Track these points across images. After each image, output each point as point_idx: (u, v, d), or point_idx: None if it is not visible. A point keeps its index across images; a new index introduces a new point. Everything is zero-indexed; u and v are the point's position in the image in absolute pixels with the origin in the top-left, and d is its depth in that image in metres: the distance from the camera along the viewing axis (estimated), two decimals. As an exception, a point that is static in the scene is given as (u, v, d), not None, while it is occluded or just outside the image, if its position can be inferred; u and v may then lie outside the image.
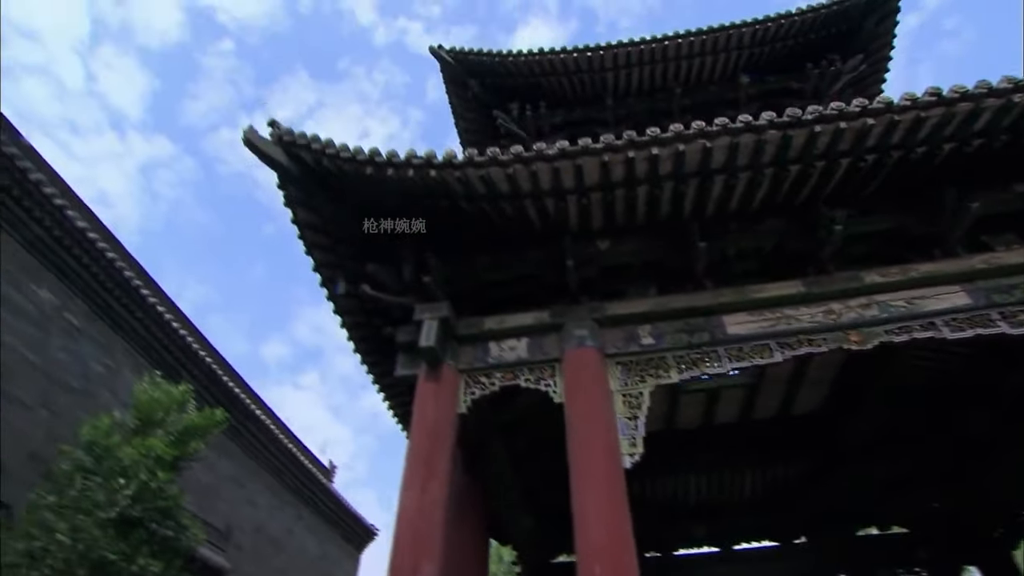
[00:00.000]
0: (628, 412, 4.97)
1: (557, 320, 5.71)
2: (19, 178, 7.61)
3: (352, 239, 6.30)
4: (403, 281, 6.13)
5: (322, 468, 18.20)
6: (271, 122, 6.16)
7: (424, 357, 5.60)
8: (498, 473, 7.69)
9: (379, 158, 5.54)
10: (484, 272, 6.25)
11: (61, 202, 8.37)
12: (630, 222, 5.84)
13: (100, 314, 9.44)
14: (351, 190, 5.92)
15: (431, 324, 5.59)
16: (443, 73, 11.21)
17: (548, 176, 5.34)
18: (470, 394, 5.55)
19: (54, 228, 8.36)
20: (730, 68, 10.92)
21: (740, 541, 11.23)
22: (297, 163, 5.94)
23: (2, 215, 7.86)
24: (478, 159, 5.32)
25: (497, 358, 5.70)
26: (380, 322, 6.59)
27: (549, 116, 11.18)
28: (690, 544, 11.38)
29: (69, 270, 8.81)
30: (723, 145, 5.17)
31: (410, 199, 5.73)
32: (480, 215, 5.78)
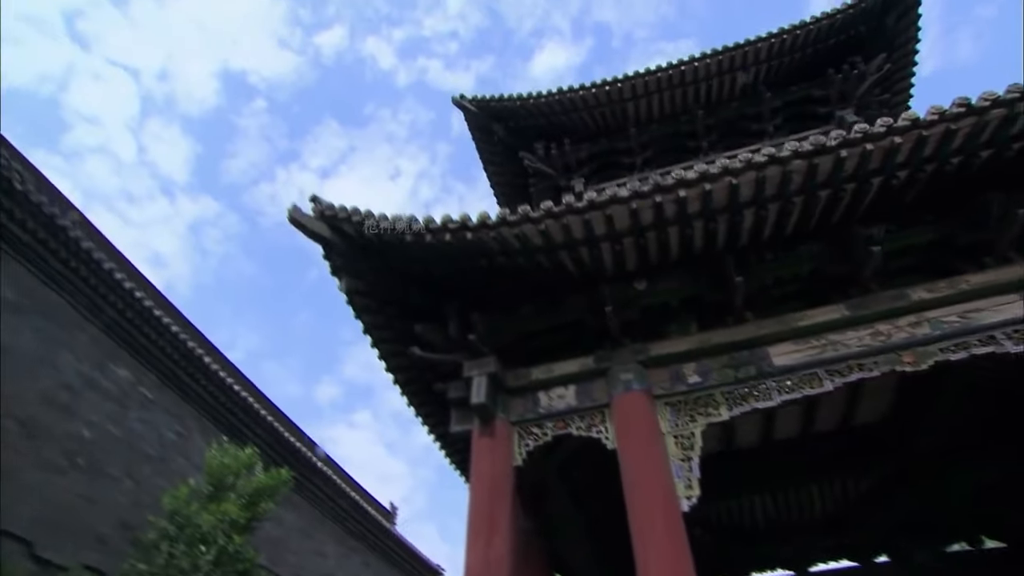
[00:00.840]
0: (681, 454, 5.00)
1: (602, 365, 5.81)
2: (95, 269, 8.30)
3: (398, 301, 6.60)
4: (450, 338, 6.36)
5: (384, 511, 18.51)
6: (313, 197, 6.57)
7: (476, 413, 5.79)
8: (559, 511, 7.73)
9: (417, 225, 5.83)
10: (527, 322, 6.42)
11: (130, 285, 9.05)
12: (664, 261, 5.92)
13: (170, 385, 10.06)
14: (393, 256, 6.22)
15: (480, 380, 5.78)
16: (468, 122, 11.62)
17: (580, 228, 5.50)
18: (524, 446, 5.68)
19: (126, 310, 9.03)
20: (750, 84, 10.93)
21: (816, 562, 10.85)
22: (340, 235, 6.30)
23: (84, 304, 8.55)
24: (511, 218, 5.53)
25: (547, 408, 5.83)
26: (431, 377, 6.82)
27: (574, 151, 11.39)
28: (763, 567, 11.06)
29: (140, 347, 9.47)
30: (749, 180, 5.23)
31: (450, 260, 5.98)
32: (518, 269, 5.97)
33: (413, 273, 6.31)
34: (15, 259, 7.87)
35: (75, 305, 8.53)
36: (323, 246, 6.45)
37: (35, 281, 8.08)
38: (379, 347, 7.05)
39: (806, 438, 9.18)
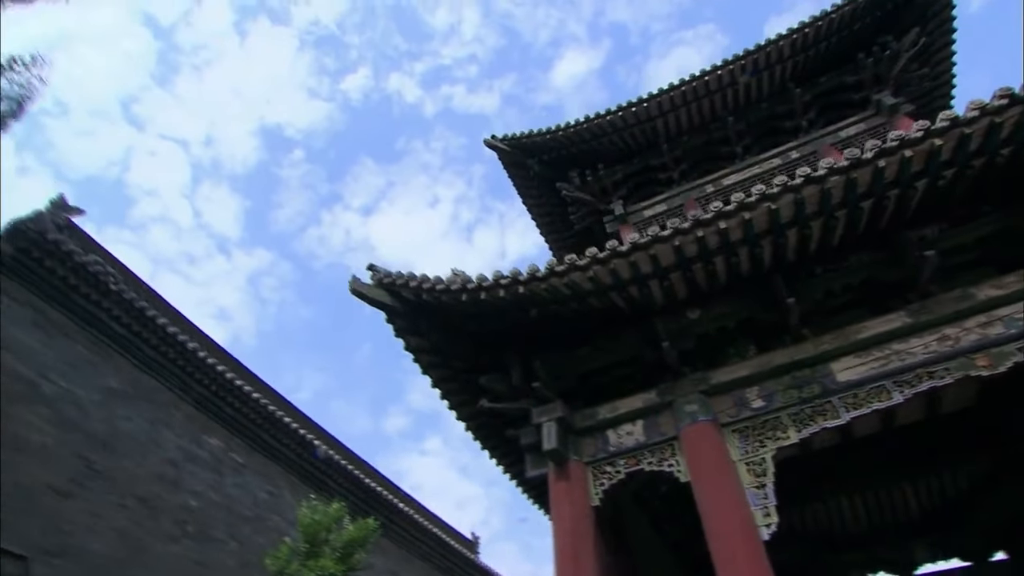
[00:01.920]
0: (755, 481, 5.05)
1: (666, 398, 5.92)
2: (183, 351, 9.07)
3: (461, 355, 6.93)
4: (514, 387, 6.62)
5: (467, 541, 18.84)
6: (370, 266, 7.03)
7: (549, 458, 6.00)
8: (640, 538, 7.80)
9: (471, 284, 6.15)
10: (585, 362, 6.60)
11: (212, 360, 9.80)
12: (714, 288, 6.00)
13: (257, 448, 10.77)
14: (451, 314, 6.56)
15: (549, 427, 6.00)
16: (502, 160, 11.96)
17: (627, 270, 5.67)
18: (599, 485, 5.85)
19: (211, 384, 9.78)
20: (777, 82, 10.80)
21: (921, 564, 10.34)
22: (400, 300, 6.71)
23: (176, 384, 9.35)
24: (559, 269, 5.77)
25: (617, 445, 5.98)
26: (502, 424, 7.07)
27: (610, 174, 11.53)
28: (863, 572, 10.65)
29: (228, 417, 10.21)
30: (788, 203, 5.28)
31: (505, 313, 6.26)
32: (571, 313, 6.19)
33: (472, 328, 6.63)
34: (117, 352, 8.73)
35: (169, 387, 9.35)
36: (385, 312, 6.89)
37: (135, 369, 8.94)
38: (448, 399, 7.40)
39: (889, 433, 8.86)
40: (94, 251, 9.57)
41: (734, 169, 10.80)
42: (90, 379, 8.29)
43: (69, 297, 8.31)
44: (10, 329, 7.55)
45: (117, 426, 8.44)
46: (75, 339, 8.33)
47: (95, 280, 8.41)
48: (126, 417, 8.56)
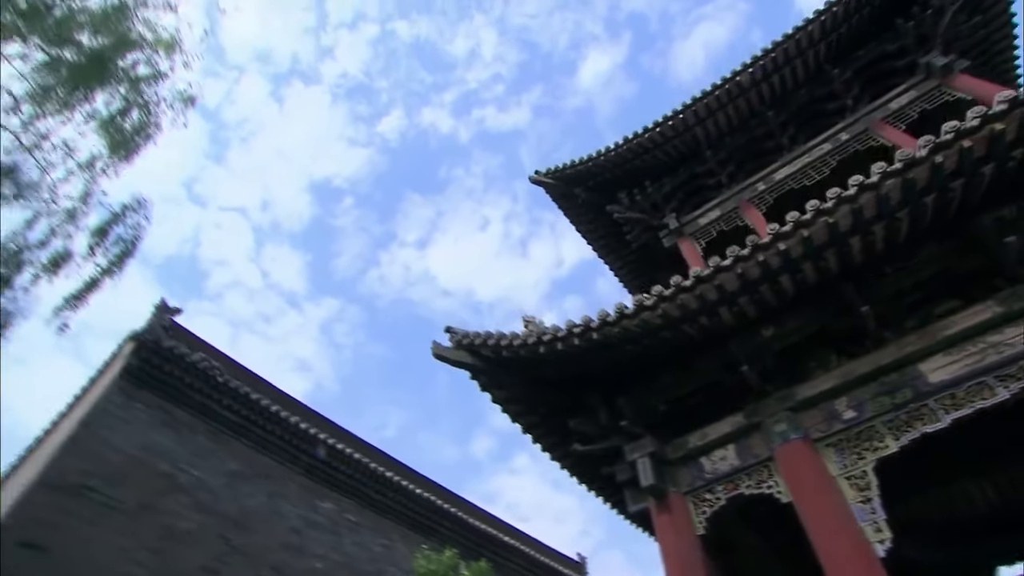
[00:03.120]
0: (859, 496, 5.02)
1: (753, 420, 5.98)
2: (290, 428, 9.87)
3: (546, 401, 7.23)
4: (602, 426, 6.85)
5: (573, 563, 18.96)
6: (447, 328, 7.49)
7: (648, 493, 6.17)
8: (747, 546, 7.73)
9: (546, 336, 6.47)
10: (665, 393, 6.74)
11: (314, 431, 10.57)
12: (784, 303, 6.01)
13: (366, 505, 11.46)
14: (531, 364, 6.89)
15: (644, 462, 6.19)
16: (549, 193, 12.28)
17: (695, 302, 5.82)
18: (701, 514, 5.96)
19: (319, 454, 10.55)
20: (813, 67, 10.58)
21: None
22: (481, 359, 7.10)
23: (287, 458, 10.16)
24: (628, 312, 6.00)
25: (712, 472, 6.08)
26: (597, 461, 7.28)
27: (657, 189, 11.61)
28: (1006, 560, 10.00)
29: (337, 481, 10.94)
30: (846, 214, 5.30)
31: (582, 358, 6.53)
32: (645, 349, 6.37)
33: (551, 375, 6.92)
34: (233, 437, 9.63)
35: (281, 461, 10.17)
36: (468, 371, 7.31)
37: (250, 451, 9.81)
38: (540, 443, 7.71)
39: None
40: (198, 347, 10.58)
41: (783, 162, 10.65)
42: (215, 465, 9.19)
43: (187, 395, 9.27)
44: (148, 433, 8.52)
45: (244, 504, 9.27)
46: (197, 431, 9.26)
47: (205, 376, 9.35)
48: (249, 495, 9.38)
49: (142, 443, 8.50)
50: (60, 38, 6.41)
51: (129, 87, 6.92)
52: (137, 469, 8.24)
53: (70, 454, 7.64)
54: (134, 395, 8.78)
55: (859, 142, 10.01)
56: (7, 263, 5.88)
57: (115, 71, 6.83)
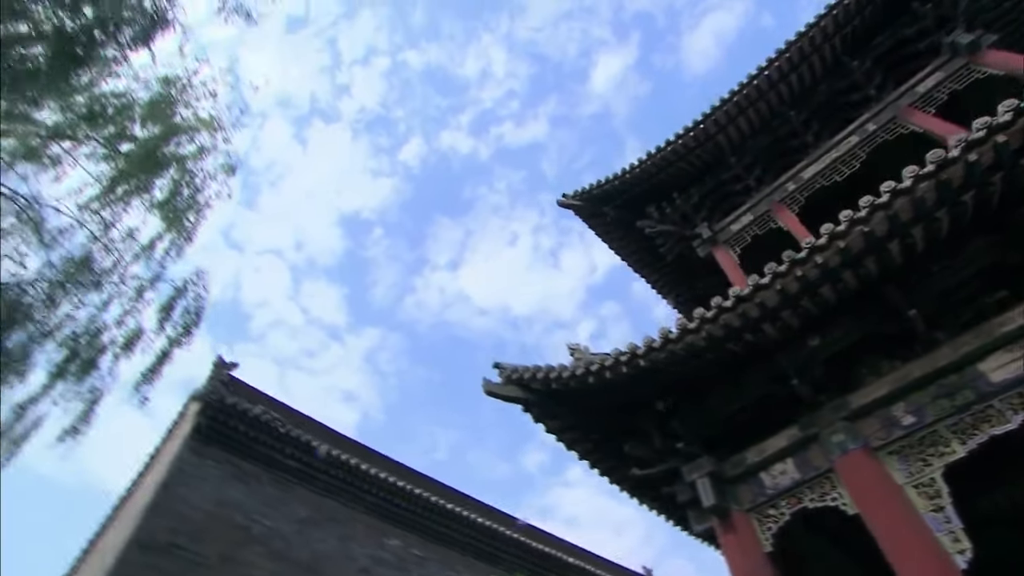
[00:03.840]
0: (930, 504, 4.94)
1: (809, 432, 5.96)
2: (351, 470, 10.21)
3: (599, 427, 7.35)
4: (657, 448, 6.92)
5: (641, 577, 18.78)
6: (496, 364, 7.70)
7: (711, 513, 6.20)
8: (814, 554, 7.61)
9: (594, 366, 6.59)
10: (716, 411, 6.76)
11: (374, 471, 10.88)
12: (827, 312, 5.98)
13: (431, 538, 11.69)
14: (582, 395, 7.01)
15: (703, 483, 6.22)
16: (578, 215, 12.43)
17: (737, 321, 5.87)
18: (767, 530, 5.94)
19: (378, 492, 10.86)
20: (830, 61, 10.51)
21: None
22: (531, 392, 7.27)
23: (350, 499, 10.49)
24: (673, 336, 6.09)
25: (773, 487, 6.07)
26: (657, 482, 7.32)
27: (685, 200, 11.64)
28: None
29: (400, 517, 11.23)
30: (881, 221, 5.30)
31: (630, 384, 6.62)
32: (693, 370, 6.43)
33: (602, 402, 7.03)
34: (299, 484, 10.03)
35: (345, 503, 10.52)
36: (520, 405, 7.48)
37: (316, 496, 10.19)
38: (597, 468, 7.80)
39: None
40: (257, 398, 11.07)
41: (811, 159, 10.57)
42: (286, 514, 9.58)
43: (252, 448, 9.72)
44: (222, 488, 8.98)
45: (315, 549, 9.62)
46: (265, 482, 9.69)
47: (268, 428, 9.79)
48: (320, 539, 9.73)
49: (217, 498, 8.95)
50: (117, 134, 6.92)
51: (177, 168, 7.42)
52: (215, 524, 8.69)
53: (156, 515, 8.12)
54: (204, 453, 9.27)
55: (887, 131, 9.88)
56: (89, 347, 6.37)
57: (165, 156, 7.34)
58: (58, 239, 6.59)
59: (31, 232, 6.35)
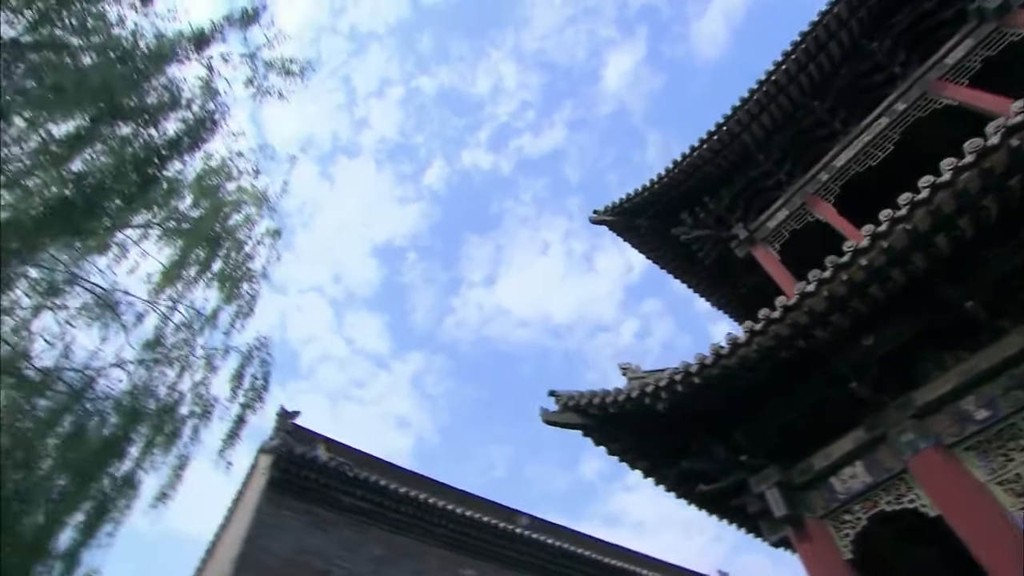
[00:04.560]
0: (1018, 502, 4.82)
1: (875, 433, 5.88)
2: (422, 506, 10.51)
3: (662, 445, 7.39)
4: (721, 461, 6.92)
5: (717, 582, 18.44)
6: (551, 392, 7.85)
7: (785, 523, 6.16)
8: (907, 566, 7.41)
9: (649, 388, 6.67)
10: (777, 418, 6.72)
11: (442, 503, 11.12)
12: (877, 312, 5.89)
13: (506, 564, 11.88)
14: (640, 415, 7.07)
15: (772, 493, 6.20)
16: (612, 229, 12.52)
17: (787, 331, 5.88)
18: (845, 537, 5.86)
19: (448, 524, 11.11)
20: (849, 46, 10.34)
21: None
22: (588, 417, 7.38)
23: (420, 533, 10.77)
24: (724, 351, 6.12)
25: (845, 492, 5.99)
26: (725, 495, 7.30)
27: (718, 203, 11.59)
28: None
29: (472, 547, 11.45)
30: (923, 215, 5.25)
31: (687, 401, 6.65)
32: (747, 383, 6.43)
33: (659, 422, 7.08)
34: (373, 524, 10.36)
35: (417, 538, 10.80)
36: (580, 430, 7.60)
37: (388, 534, 10.49)
38: (662, 485, 7.83)
39: None
40: (322, 444, 11.48)
41: (841, 147, 10.39)
42: (361, 555, 9.90)
43: (324, 493, 10.11)
44: (300, 536, 9.37)
45: (393, 586, 9.89)
46: (340, 526, 10.04)
47: (336, 473, 10.16)
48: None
49: (296, 546, 9.34)
50: (171, 216, 7.39)
51: (232, 243, 7.88)
52: (298, 571, 9.06)
53: (243, 568, 8.54)
54: (281, 503, 9.69)
55: (919, 108, 9.64)
56: (171, 419, 6.81)
57: (216, 231, 7.80)
58: (133, 322, 7.09)
59: (110, 319, 6.85)
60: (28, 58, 4.02)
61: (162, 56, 4.64)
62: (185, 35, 4.93)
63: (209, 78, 5.25)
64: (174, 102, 4.93)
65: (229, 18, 5.15)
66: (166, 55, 4.69)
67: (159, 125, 4.87)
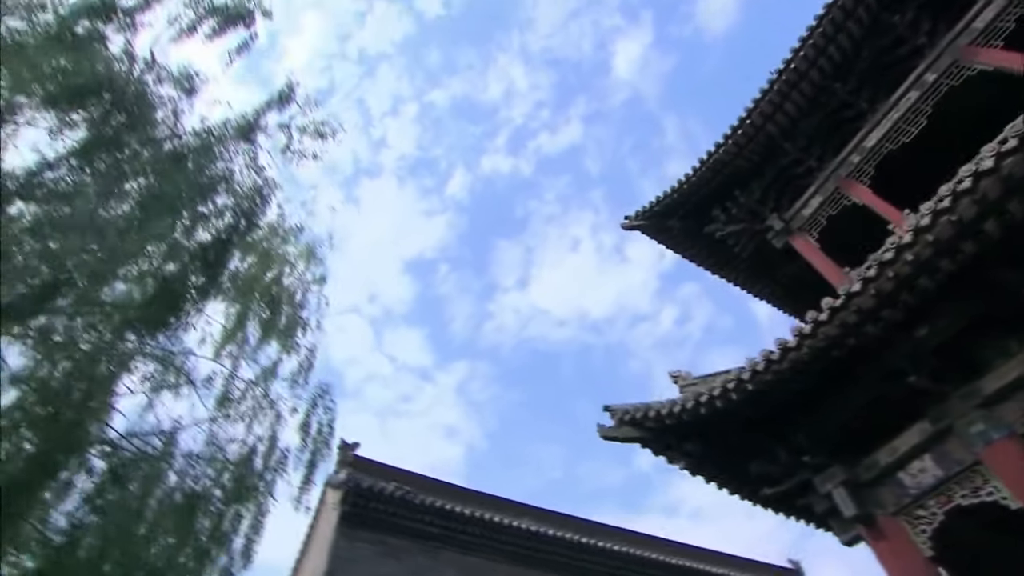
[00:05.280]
0: (1101, 487, 4.74)
1: (941, 425, 5.81)
2: (486, 524, 10.78)
3: (721, 451, 7.42)
4: (783, 463, 6.93)
5: (789, 571, 18.16)
6: (606, 407, 7.97)
7: (856, 522, 6.14)
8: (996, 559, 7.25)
9: (703, 397, 6.73)
10: (835, 417, 6.68)
11: (507, 520, 11.36)
12: (928, 300, 5.83)
13: (577, 573, 12.07)
14: (696, 424, 7.14)
15: (839, 493, 6.19)
16: (644, 233, 12.56)
17: (838, 330, 5.87)
18: (921, 533, 5.80)
19: (516, 539, 11.35)
20: (868, 22, 10.02)
21: None
22: (646, 430, 7.48)
23: (489, 550, 11.03)
24: (775, 357, 6.15)
25: (916, 487, 5.93)
26: (792, 495, 7.28)
27: (749, 196, 11.49)
28: None
29: (543, 560, 11.68)
30: (968, 205, 5.20)
31: (742, 408, 6.69)
32: (800, 384, 6.42)
33: (718, 427, 7.13)
34: (443, 548, 10.67)
35: (487, 557, 11.08)
36: (639, 443, 7.71)
37: (459, 555, 10.78)
38: (725, 488, 7.87)
39: None
40: (385, 473, 11.86)
41: (871, 126, 10.20)
42: (435, 578, 10.22)
43: (393, 522, 10.44)
44: (375, 566, 9.74)
45: (467, 606, 10.14)
46: (412, 552, 10.37)
47: (403, 501, 10.50)
48: (470, 597, 10.27)
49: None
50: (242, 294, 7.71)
51: (284, 295, 8.25)
52: (376, 600, 9.40)
53: (326, 603, 8.92)
54: (353, 535, 10.06)
55: (951, 76, 9.36)
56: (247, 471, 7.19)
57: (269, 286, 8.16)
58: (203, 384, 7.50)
59: (182, 383, 7.28)
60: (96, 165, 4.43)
61: (215, 152, 5.01)
62: (232, 127, 5.29)
63: (255, 159, 5.60)
64: (227, 189, 5.29)
65: (269, 102, 5.51)
66: (219, 151, 5.06)
67: (222, 217, 5.25)
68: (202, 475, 6.97)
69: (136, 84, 4.76)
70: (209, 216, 5.17)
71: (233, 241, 5.51)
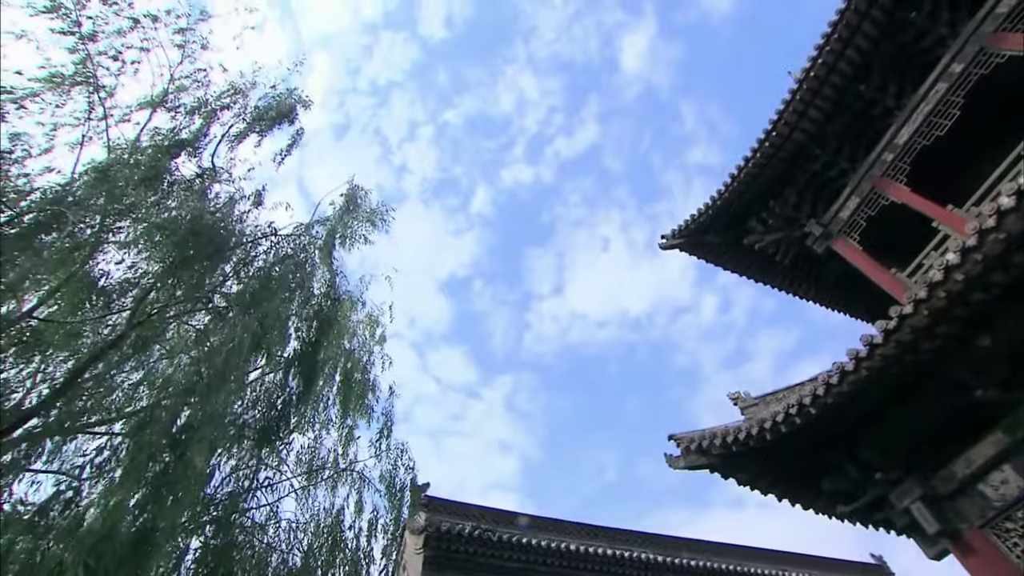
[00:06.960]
0: None
1: (1016, 435, 5.85)
2: (562, 553, 11.05)
3: (792, 470, 7.55)
4: (854, 479, 7.02)
5: (873, 567, 17.77)
6: (671, 436, 8.21)
7: (943, 538, 6.18)
8: None
9: (767, 424, 6.90)
10: (901, 432, 6.72)
11: (583, 547, 11.61)
12: (986, 312, 5.90)
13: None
14: (762, 447, 7.30)
15: (918, 508, 6.24)
16: (683, 251, 12.73)
17: (894, 350, 5.98)
18: (1013, 546, 5.78)
19: (594, 565, 11.58)
20: (884, 22, 9.94)
21: None
22: (713, 456, 7.67)
23: None
24: (833, 381, 6.29)
25: (1000, 498, 5.94)
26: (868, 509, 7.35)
27: (783, 205, 11.55)
28: None
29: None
30: (1015, 220, 5.27)
31: (808, 429, 6.83)
32: (861, 404, 6.52)
33: (784, 448, 7.27)
34: None
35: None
36: (708, 470, 7.90)
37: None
38: (799, 505, 7.96)
39: None
40: (459, 511, 12.28)
41: (901, 121, 10.18)
42: (523, 613, 10.54)
43: (476, 560, 10.83)
44: (465, 607, 10.15)
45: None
46: (496, 588, 10.75)
47: (481, 539, 10.88)
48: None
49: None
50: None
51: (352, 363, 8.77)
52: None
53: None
54: (440, 577, 10.52)
55: (979, 65, 9.29)
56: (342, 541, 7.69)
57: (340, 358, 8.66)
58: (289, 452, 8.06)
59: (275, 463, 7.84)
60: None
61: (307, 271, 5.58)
62: (316, 246, 5.86)
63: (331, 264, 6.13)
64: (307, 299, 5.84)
65: (343, 211, 6.02)
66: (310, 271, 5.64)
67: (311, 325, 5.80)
68: (296, 544, 7.52)
69: (225, 218, 5.36)
70: (300, 327, 5.71)
71: (321, 343, 6.03)
